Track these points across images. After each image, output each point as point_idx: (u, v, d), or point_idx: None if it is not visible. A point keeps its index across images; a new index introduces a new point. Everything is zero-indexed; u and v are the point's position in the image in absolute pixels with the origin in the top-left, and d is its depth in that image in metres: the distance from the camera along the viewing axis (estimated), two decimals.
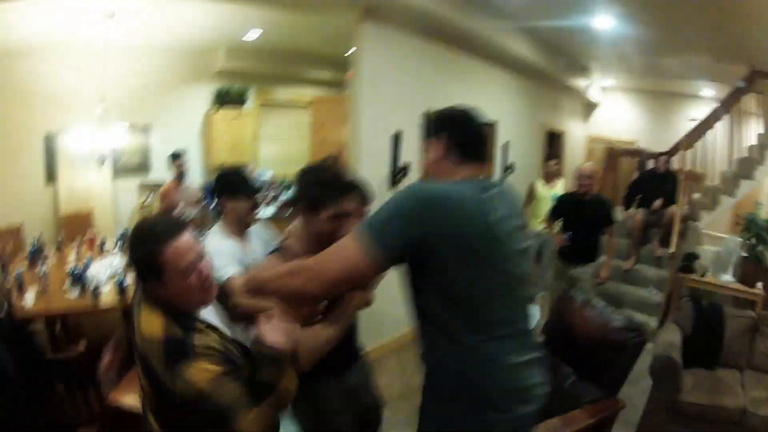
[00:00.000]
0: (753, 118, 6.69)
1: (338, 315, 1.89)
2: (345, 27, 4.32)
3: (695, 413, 3.48)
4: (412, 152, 4.55)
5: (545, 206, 5.56)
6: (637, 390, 3.82)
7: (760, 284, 5.19)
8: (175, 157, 5.27)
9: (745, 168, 6.33)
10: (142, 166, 6.74)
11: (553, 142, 8.37)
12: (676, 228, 5.39)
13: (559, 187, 6.15)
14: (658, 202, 6.13)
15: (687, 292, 5.37)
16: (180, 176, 5.20)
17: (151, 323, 1.53)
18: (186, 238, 1.53)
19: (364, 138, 4.22)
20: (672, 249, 5.21)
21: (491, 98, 6.00)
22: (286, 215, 6.44)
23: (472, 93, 5.54)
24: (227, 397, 1.44)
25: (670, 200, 6.00)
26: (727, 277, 5.64)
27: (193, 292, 1.54)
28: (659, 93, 9.23)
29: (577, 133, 9.22)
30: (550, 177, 6.22)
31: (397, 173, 4.45)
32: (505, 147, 6.29)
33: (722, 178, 6.43)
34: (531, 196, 6.14)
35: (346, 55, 4.81)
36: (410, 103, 4.63)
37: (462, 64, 5.39)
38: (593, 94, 9.40)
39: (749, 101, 6.52)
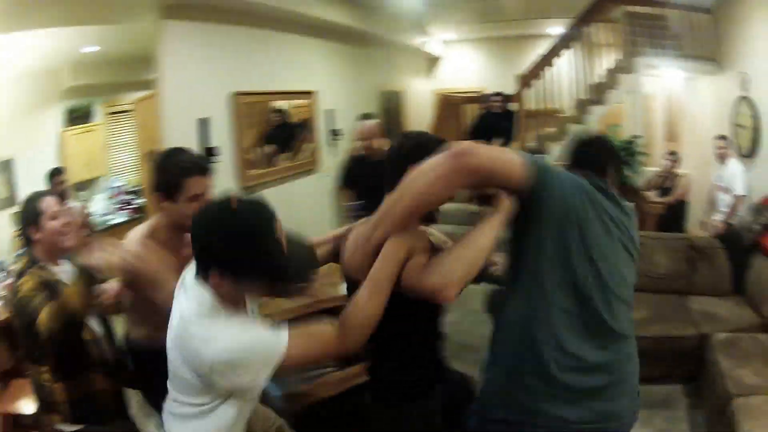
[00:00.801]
0: (607, 50, 6.73)
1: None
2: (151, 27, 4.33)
3: None
4: (219, 136, 4.65)
5: None
6: None
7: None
8: (54, 173, 4.96)
9: (596, 94, 6.44)
10: (8, 201, 6.48)
11: (391, 102, 8.28)
12: None
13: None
14: (496, 143, 6.11)
15: None
16: (62, 195, 5.01)
17: None
18: None
19: (174, 125, 4.28)
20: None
21: (310, 70, 5.96)
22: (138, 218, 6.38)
23: (289, 68, 5.56)
24: None
25: (509, 138, 6.14)
26: None
27: None
28: (505, 38, 9.28)
29: (421, 90, 9.23)
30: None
31: (207, 156, 4.43)
32: (330, 113, 6.24)
33: (570, 108, 6.57)
34: None
35: None
36: (217, 89, 4.69)
37: (274, 42, 5.39)
38: (435, 48, 9.35)
39: (601, 32, 6.55)
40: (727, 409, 2.77)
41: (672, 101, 8.15)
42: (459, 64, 9.94)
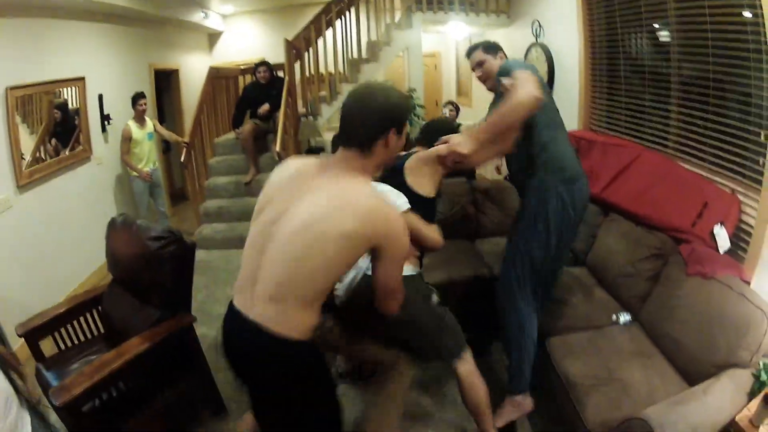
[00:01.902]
0: (392, 8, 6.65)
1: None
2: None
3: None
4: None
5: (144, 147, 5.57)
6: None
7: None
8: None
9: (371, 52, 6.34)
10: None
11: (165, 81, 7.77)
12: (280, 128, 5.03)
13: (150, 126, 5.72)
14: (262, 109, 5.94)
15: None
16: None
17: None
18: None
19: None
20: (278, 148, 4.86)
21: (80, 55, 5.22)
22: None
23: (59, 56, 4.84)
24: None
25: (277, 105, 5.68)
26: None
27: None
28: (285, 8, 9.01)
29: (198, 66, 8.61)
30: (140, 117, 5.60)
31: None
32: (101, 99, 5.53)
33: (343, 69, 6.38)
34: (129, 140, 5.48)
35: None
36: None
37: (43, 30, 4.63)
38: (214, 23, 8.87)
39: None
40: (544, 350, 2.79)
41: (462, 56, 8.16)
42: (240, 38, 9.57)
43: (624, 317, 2.93)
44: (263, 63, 6.06)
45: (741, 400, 2.05)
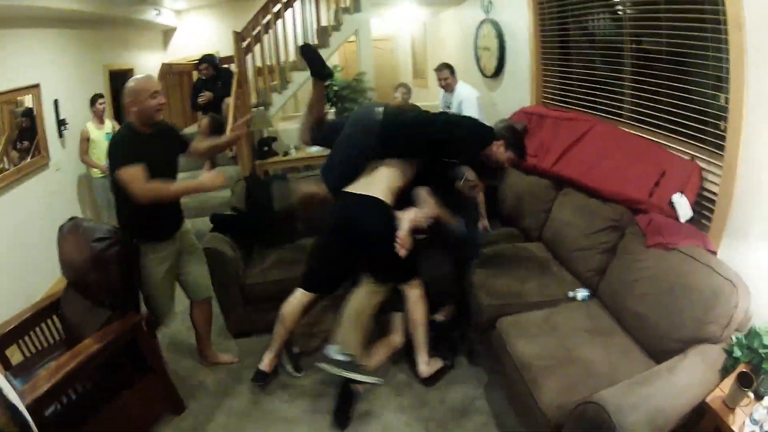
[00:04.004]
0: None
1: None
2: None
3: (259, 292, 3.28)
4: None
5: (102, 147, 5.06)
6: None
7: None
8: None
9: (321, 38, 6.11)
10: None
11: (121, 82, 7.17)
12: (230, 120, 4.75)
13: (108, 127, 5.39)
14: (201, 99, 5.79)
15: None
16: None
17: None
18: None
19: None
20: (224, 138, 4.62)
21: (32, 63, 4.93)
22: None
23: (11, 66, 4.55)
24: None
25: (225, 94, 5.49)
26: (315, 148, 5.35)
27: None
28: (237, 0, 8.68)
29: (154, 64, 8.34)
30: (99, 117, 5.33)
31: None
32: (56, 104, 5.24)
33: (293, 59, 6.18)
34: (87, 140, 5.22)
35: None
36: None
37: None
38: (167, 20, 8.51)
39: None
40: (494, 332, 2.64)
41: (416, 38, 7.90)
42: (194, 33, 9.25)
43: (582, 293, 2.71)
44: (204, 59, 5.85)
45: (712, 379, 1.84)
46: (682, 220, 2.50)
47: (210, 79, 5.78)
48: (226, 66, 6.35)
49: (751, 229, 2.18)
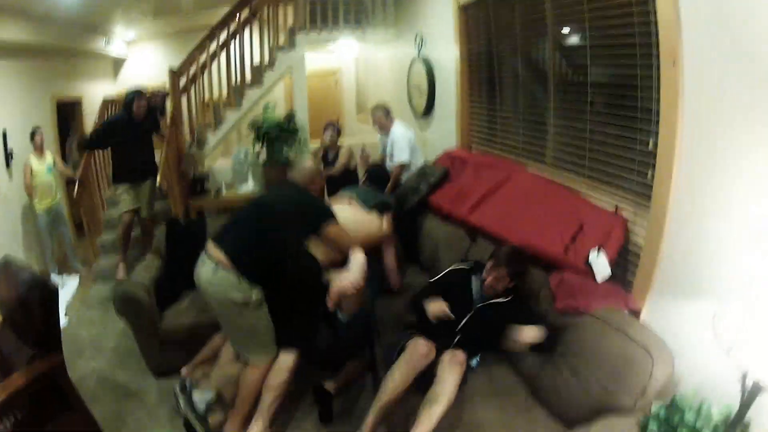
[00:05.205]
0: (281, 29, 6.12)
1: None
2: None
3: (183, 336, 3.04)
4: None
5: (44, 179, 5.09)
6: None
7: None
8: None
9: (254, 77, 5.88)
10: None
11: (68, 112, 7.15)
12: (162, 162, 4.50)
13: (50, 159, 5.20)
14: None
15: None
16: None
17: None
18: None
19: None
20: (158, 182, 4.45)
21: None
22: None
23: None
24: None
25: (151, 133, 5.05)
26: (248, 186, 5.10)
27: None
28: (188, 31, 8.16)
29: (102, 95, 7.87)
30: (39, 149, 5.13)
31: None
32: (4, 135, 5.16)
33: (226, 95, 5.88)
34: (30, 172, 5.05)
35: None
36: None
37: None
38: (117, 50, 8.31)
39: (274, 13, 5.94)
40: None
41: (356, 74, 7.88)
42: (143, 64, 9.00)
43: (474, 360, 2.40)
44: (139, 93, 4.79)
45: None
46: (599, 279, 2.28)
47: (140, 122, 4.79)
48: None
49: (680, 286, 1.97)
